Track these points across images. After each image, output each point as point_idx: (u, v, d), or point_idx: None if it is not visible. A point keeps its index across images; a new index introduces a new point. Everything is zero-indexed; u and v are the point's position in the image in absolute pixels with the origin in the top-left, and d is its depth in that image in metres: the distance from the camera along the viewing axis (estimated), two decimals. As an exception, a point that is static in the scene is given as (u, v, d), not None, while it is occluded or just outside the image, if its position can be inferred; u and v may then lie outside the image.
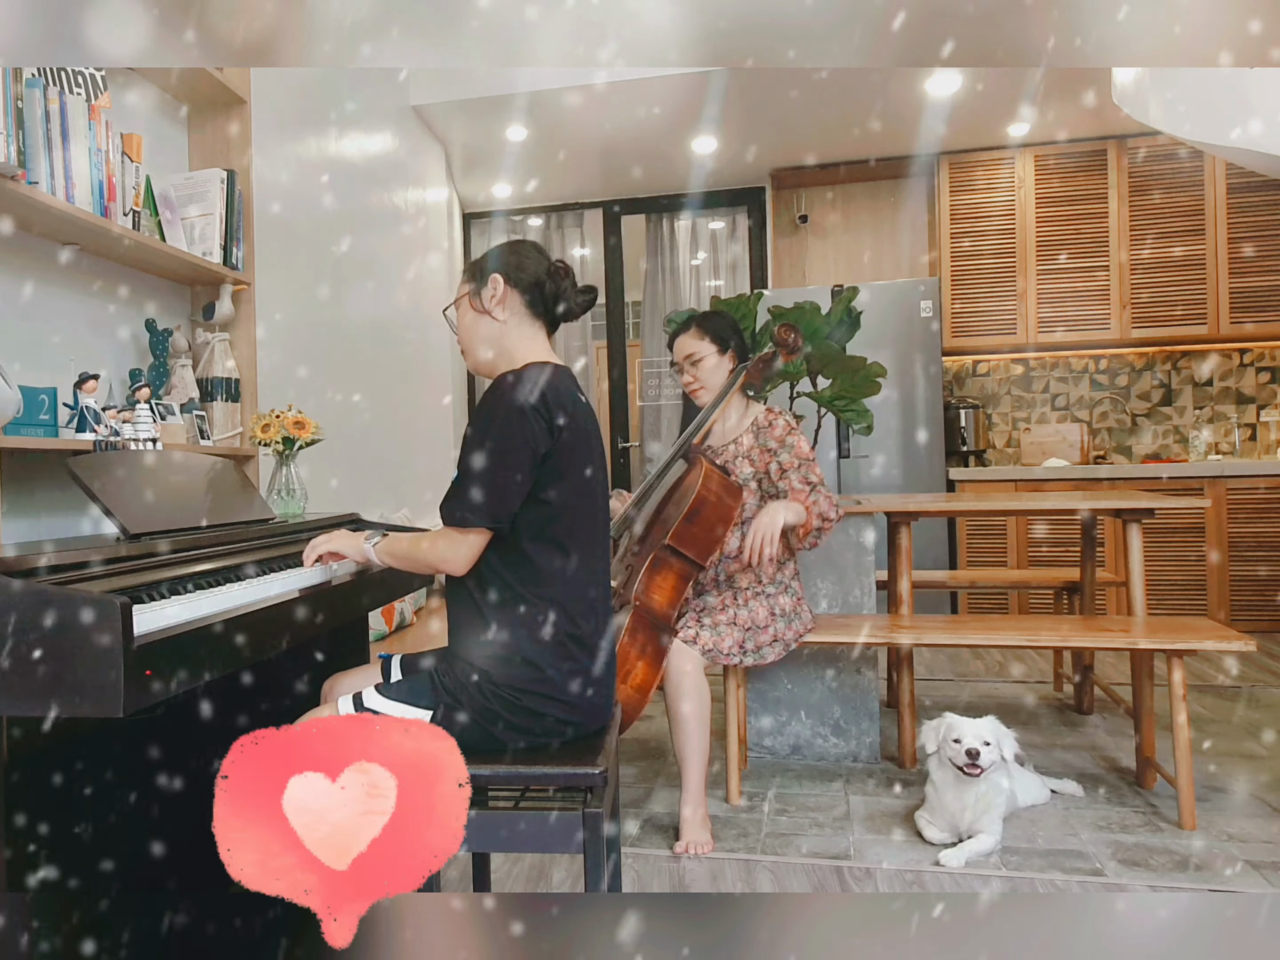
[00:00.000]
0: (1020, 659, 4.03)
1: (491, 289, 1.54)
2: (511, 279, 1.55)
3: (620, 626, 2.13)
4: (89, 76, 1.90)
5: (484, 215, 5.82)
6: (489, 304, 1.55)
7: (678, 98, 4.22)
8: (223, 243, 2.27)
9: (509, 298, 1.55)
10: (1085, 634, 2.35)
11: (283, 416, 2.27)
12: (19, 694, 1.04)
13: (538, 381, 1.42)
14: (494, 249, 1.62)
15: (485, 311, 1.55)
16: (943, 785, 2.12)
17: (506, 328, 1.56)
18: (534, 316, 1.57)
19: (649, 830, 2.25)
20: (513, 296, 1.55)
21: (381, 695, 1.41)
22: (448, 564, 1.42)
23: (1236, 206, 4.61)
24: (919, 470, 4.71)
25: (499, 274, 1.54)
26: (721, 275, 5.74)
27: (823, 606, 2.78)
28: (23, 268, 1.88)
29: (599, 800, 1.29)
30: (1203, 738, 2.82)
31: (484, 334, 1.57)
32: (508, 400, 1.40)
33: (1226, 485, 4.41)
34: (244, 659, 1.32)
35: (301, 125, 3.35)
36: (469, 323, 1.58)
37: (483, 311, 1.56)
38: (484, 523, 1.38)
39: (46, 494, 1.87)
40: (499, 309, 1.55)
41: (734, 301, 2.89)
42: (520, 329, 1.56)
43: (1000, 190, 4.89)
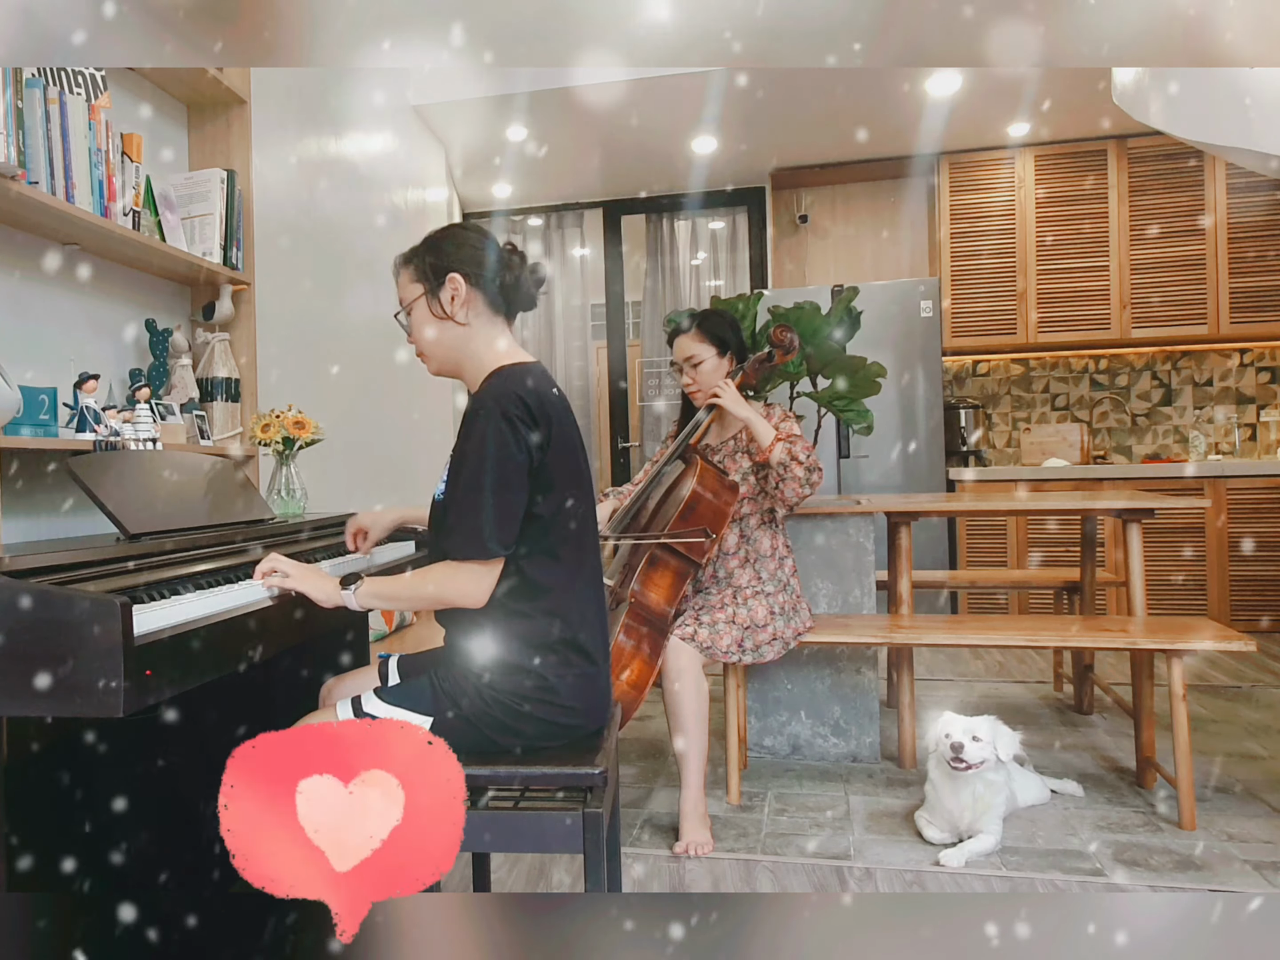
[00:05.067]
0: (1020, 659, 4.03)
1: (450, 289, 1.43)
2: (470, 277, 1.43)
3: (616, 623, 2.14)
4: (89, 76, 1.90)
5: (484, 215, 5.82)
6: (451, 307, 1.43)
7: (678, 98, 4.22)
8: (222, 243, 2.27)
9: (471, 297, 1.44)
10: (1085, 634, 2.35)
11: (283, 416, 2.27)
12: (19, 694, 1.04)
13: (518, 391, 1.36)
14: (434, 240, 1.47)
15: (447, 316, 1.44)
16: (942, 784, 2.12)
17: (471, 331, 1.45)
18: (495, 313, 1.47)
19: (649, 830, 2.25)
20: (473, 295, 1.44)
21: (380, 700, 1.40)
22: (470, 599, 1.35)
23: (1236, 206, 4.61)
24: (919, 470, 4.70)
25: (456, 272, 1.43)
26: (721, 275, 5.74)
27: (822, 606, 2.78)
28: (23, 268, 1.88)
29: (599, 800, 1.29)
30: (1203, 738, 2.82)
31: (448, 340, 1.46)
32: (495, 418, 1.33)
33: (1226, 485, 4.41)
34: (244, 659, 1.32)
35: (301, 125, 3.35)
36: (427, 329, 1.45)
37: (444, 316, 1.44)
38: (501, 551, 1.33)
39: (46, 494, 1.87)
40: (462, 311, 1.44)
41: (734, 301, 2.89)
42: (485, 330, 1.46)
43: (1000, 190, 4.89)
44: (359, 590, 1.39)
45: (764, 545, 2.44)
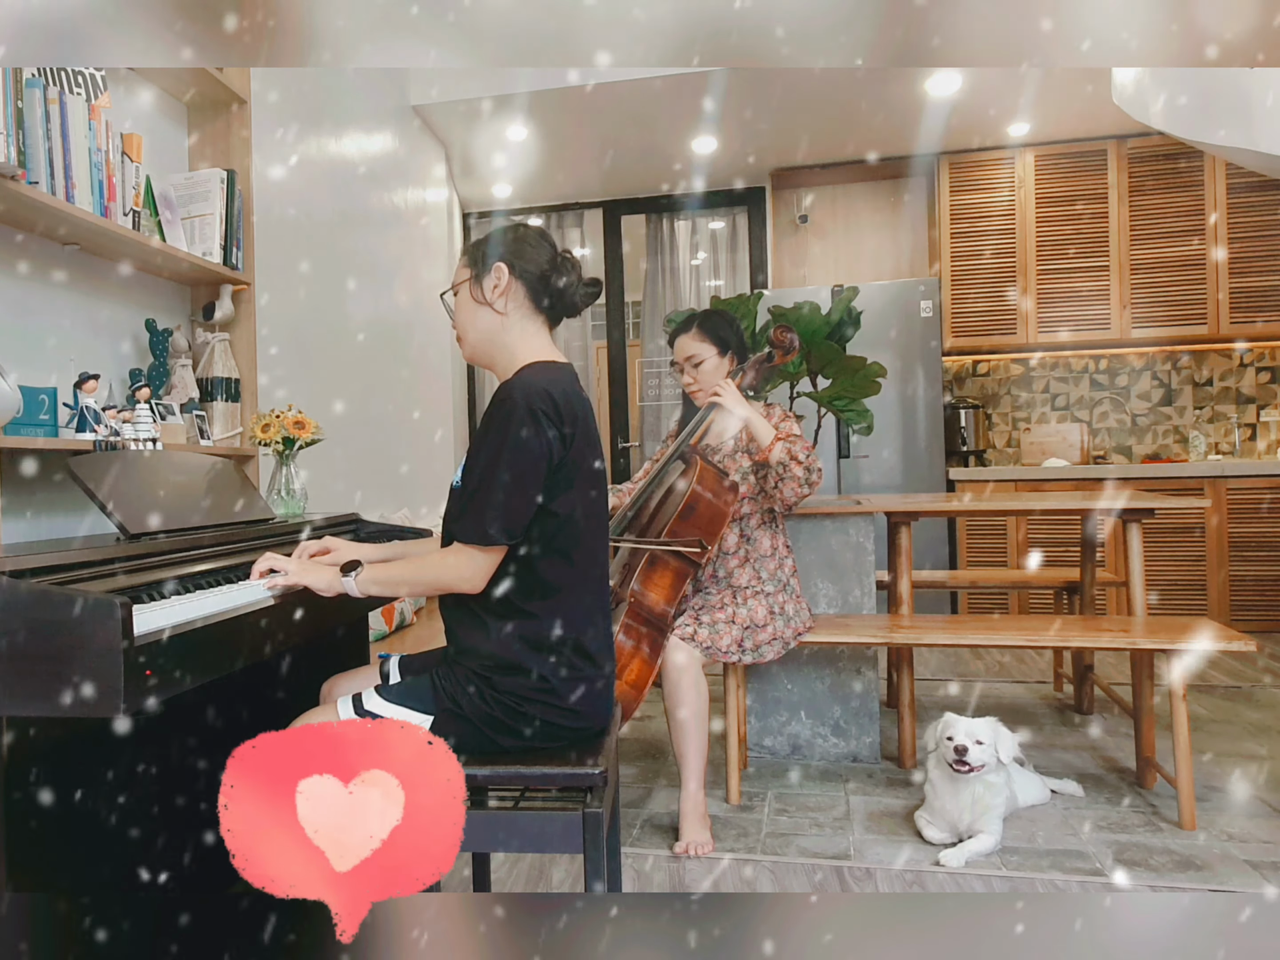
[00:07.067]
0: (1020, 659, 4.03)
1: (494, 278, 1.46)
2: (516, 269, 1.47)
3: (616, 623, 2.14)
4: (89, 76, 1.90)
5: (484, 215, 5.82)
6: (490, 295, 1.46)
7: (678, 98, 4.23)
8: (222, 243, 2.27)
9: (512, 289, 1.47)
10: (1085, 634, 2.35)
11: (283, 416, 2.27)
12: (19, 694, 1.04)
13: (547, 388, 1.37)
14: (497, 232, 1.52)
15: (486, 303, 1.47)
16: (941, 785, 2.12)
17: (508, 321, 1.48)
18: (536, 310, 1.49)
19: (649, 830, 2.25)
20: (516, 288, 1.47)
21: (381, 698, 1.40)
22: (467, 583, 1.36)
23: (1236, 206, 4.61)
24: (919, 470, 4.71)
25: (503, 263, 1.46)
26: (721, 275, 5.74)
27: (822, 606, 2.78)
28: (23, 268, 1.88)
29: (599, 800, 1.29)
30: (1203, 738, 2.82)
31: (483, 326, 1.49)
32: (519, 411, 1.33)
33: (1226, 485, 4.41)
34: (244, 658, 1.32)
35: (301, 125, 3.35)
36: (468, 313, 1.49)
37: (483, 302, 1.47)
38: (503, 540, 1.34)
39: (46, 494, 1.87)
40: (501, 300, 1.47)
41: (734, 301, 2.89)
42: (522, 324, 1.48)
43: (1000, 190, 4.89)
44: (359, 577, 1.40)
45: (764, 545, 2.44)
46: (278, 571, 1.44)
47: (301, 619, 1.45)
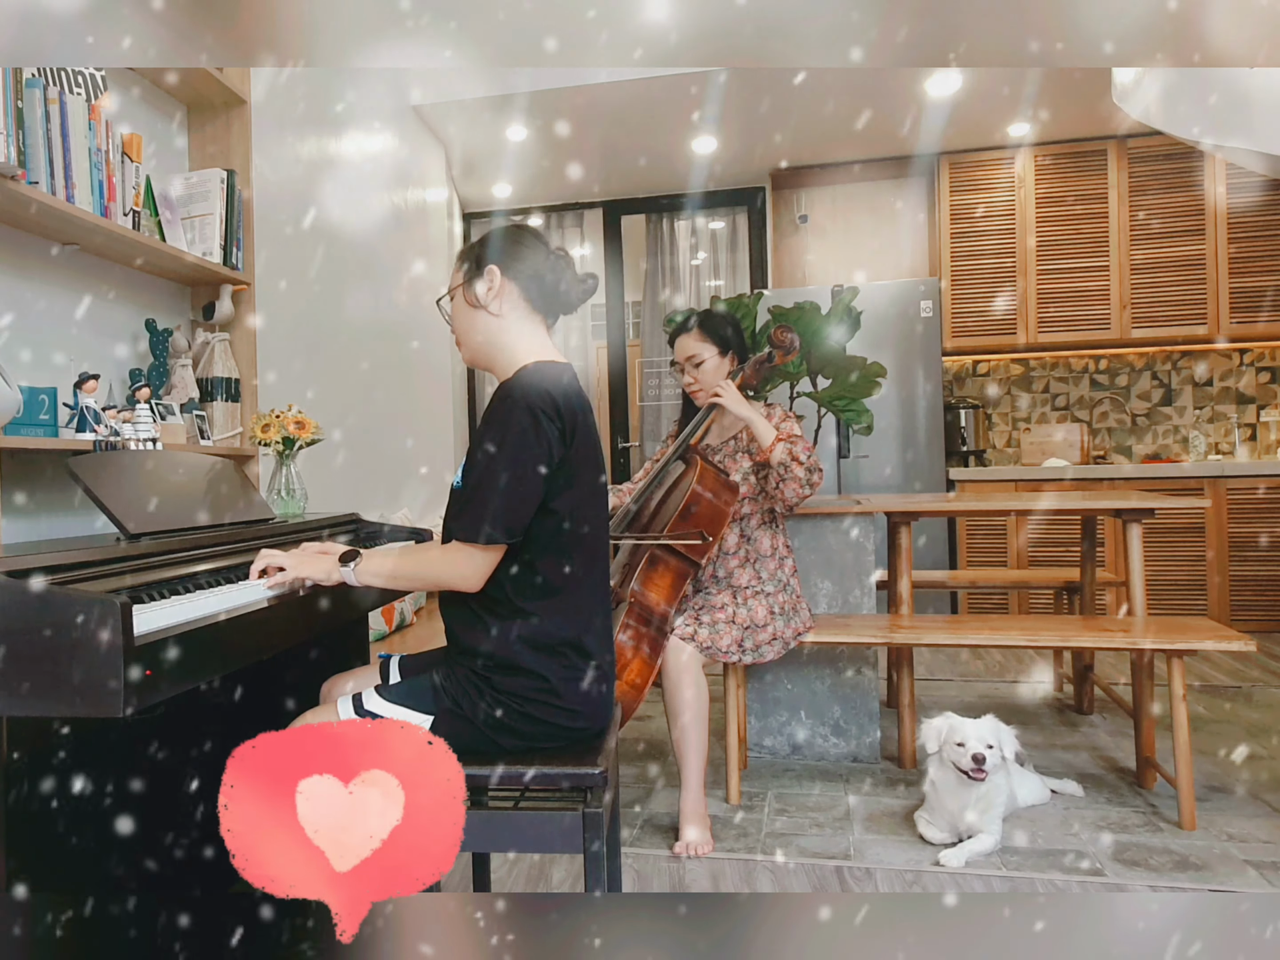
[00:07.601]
0: (1020, 659, 4.03)
1: (487, 281, 1.46)
2: (508, 270, 1.47)
3: (616, 623, 2.13)
4: (89, 76, 1.90)
5: (484, 215, 5.82)
6: (484, 298, 1.46)
7: (678, 98, 4.23)
8: (222, 243, 2.27)
9: (505, 290, 1.47)
10: (1085, 634, 2.35)
11: (283, 416, 2.27)
12: (19, 694, 1.04)
13: (546, 387, 1.37)
14: (490, 234, 1.51)
15: (481, 306, 1.47)
16: (942, 785, 2.12)
17: (504, 323, 1.48)
18: (532, 310, 1.50)
19: (649, 830, 2.25)
20: (510, 289, 1.47)
21: (381, 698, 1.40)
22: (465, 581, 1.36)
23: (1236, 206, 4.61)
24: (919, 470, 4.71)
25: (495, 265, 1.46)
26: (721, 275, 5.74)
27: (822, 606, 2.78)
28: (23, 268, 1.88)
29: (599, 800, 1.29)
30: (1203, 738, 2.82)
31: (480, 329, 1.48)
32: (520, 409, 1.34)
33: (1226, 485, 4.41)
34: (245, 658, 1.32)
35: (301, 125, 3.36)
36: (464, 317, 1.50)
37: (478, 306, 1.47)
38: (502, 539, 1.33)
39: (46, 494, 1.87)
40: (495, 303, 1.46)
41: (734, 301, 2.89)
42: (519, 324, 1.49)
43: (1000, 190, 4.89)
44: (358, 567, 1.41)
45: (764, 545, 2.44)
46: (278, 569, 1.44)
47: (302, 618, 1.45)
